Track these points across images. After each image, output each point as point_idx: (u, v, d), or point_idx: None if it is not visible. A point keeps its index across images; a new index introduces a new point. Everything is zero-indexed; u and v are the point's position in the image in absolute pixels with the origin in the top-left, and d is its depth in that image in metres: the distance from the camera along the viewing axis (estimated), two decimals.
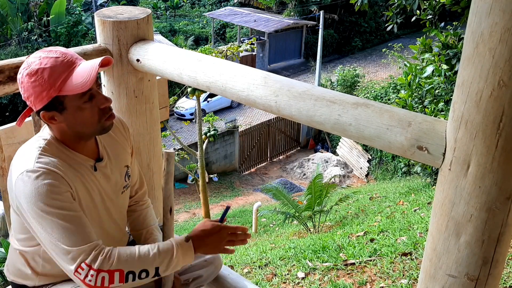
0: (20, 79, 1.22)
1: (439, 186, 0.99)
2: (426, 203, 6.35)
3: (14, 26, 18.63)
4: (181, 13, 30.91)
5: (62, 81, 1.20)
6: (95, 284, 1.19)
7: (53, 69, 1.20)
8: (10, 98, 15.71)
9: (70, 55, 1.24)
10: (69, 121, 1.26)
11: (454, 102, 0.91)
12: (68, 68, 1.22)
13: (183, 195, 14.60)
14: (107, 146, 1.43)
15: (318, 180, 7.95)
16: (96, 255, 1.20)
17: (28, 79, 1.20)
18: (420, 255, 3.72)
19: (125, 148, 1.50)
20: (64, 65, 1.21)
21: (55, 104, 1.22)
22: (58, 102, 1.22)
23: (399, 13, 5.25)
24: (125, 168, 1.49)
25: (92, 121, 1.27)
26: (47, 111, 1.23)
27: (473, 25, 0.83)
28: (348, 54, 25.02)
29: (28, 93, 1.21)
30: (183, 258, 1.30)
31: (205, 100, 18.17)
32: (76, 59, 1.25)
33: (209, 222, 1.37)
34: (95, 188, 1.36)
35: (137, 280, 1.23)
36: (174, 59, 1.48)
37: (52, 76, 1.19)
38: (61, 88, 1.20)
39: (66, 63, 1.22)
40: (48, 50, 1.24)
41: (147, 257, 1.24)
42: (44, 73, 1.19)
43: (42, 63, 1.20)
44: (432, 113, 4.67)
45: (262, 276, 3.93)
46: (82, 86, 1.20)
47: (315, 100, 1.13)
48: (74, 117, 1.25)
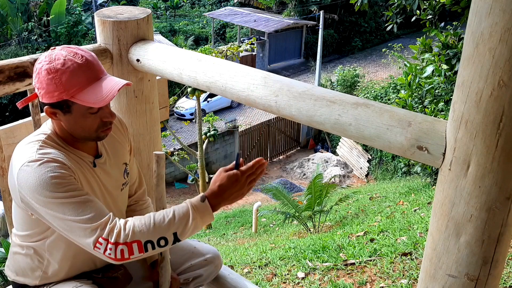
0: (38, 69, 1.21)
1: (439, 186, 0.99)
2: (426, 203, 6.35)
3: (14, 26, 18.62)
4: (181, 13, 30.91)
5: (78, 89, 1.19)
6: (115, 257, 1.19)
7: (73, 75, 1.18)
8: (10, 98, 15.71)
9: (95, 65, 1.23)
10: (69, 123, 1.26)
11: (454, 102, 0.91)
12: (88, 78, 1.20)
13: (183, 195, 14.60)
14: (106, 144, 1.44)
15: (318, 180, 7.95)
16: (111, 228, 1.19)
17: (46, 74, 1.19)
18: (420, 255, 3.72)
19: (123, 146, 1.51)
20: (86, 74, 1.20)
21: (62, 105, 1.22)
22: (66, 104, 1.22)
23: (399, 13, 5.25)
24: (123, 165, 1.50)
25: (90, 129, 1.27)
26: (52, 108, 1.23)
27: (473, 25, 0.83)
28: (348, 54, 25.01)
29: (40, 85, 1.21)
30: (201, 219, 1.25)
31: (205, 100, 18.17)
32: (99, 72, 1.23)
33: (224, 174, 1.27)
34: (95, 183, 1.37)
35: (157, 248, 1.22)
36: (174, 59, 1.48)
37: (70, 81, 1.18)
38: (74, 94, 1.19)
39: (88, 73, 1.20)
40: (75, 51, 1.22)
41: (163, 224, 1.22)
42: (63, 75, 1.18)
43: (65, 65, 1.18)
44: (432, 113, 4.67)
45: (262, 276, 3.93)
46: (95, 103, 1.19)
47: (315, 100, 1.13)
48: (75, 121, 1.25)
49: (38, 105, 1.56)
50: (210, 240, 9.09)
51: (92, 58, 1.23)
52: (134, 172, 1.61)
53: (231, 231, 9.96)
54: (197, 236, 9.86)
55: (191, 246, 1.70)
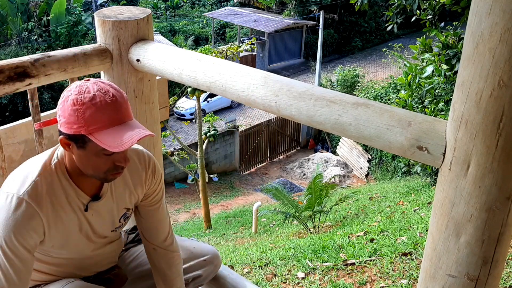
0: (65, 97, 1.17)
1: (439, 186, 0.99)
2: (426, 203, 6.35)
3: (14, 26, 18.62)
4: (181, 13, 30.91)
5: (98, 128, 1.14)
6: None
7: (98, 112, 1.13)
8: (10, 98, 15.71)
9: (122, 107, 1.17)
10: (80, 158, 1.21)
11: (454, 102, 0.91)
12: (111, 119, 1.15)
13: (183, 195, 14.60)
14: (115, 184, 1.37)
15: (318, 180, 7.95)
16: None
17: (71, 104, 1.14)
18: (420, 255, 3.72)
19: (133, 190, 1.41)
20: (111, 115, 1.15)
21: (78, 139, 1.17)
22: (82, 140, 1.17)
23: (399, 13, 5.25)
24: (124, 209, 1.42)
25: (100, 170, 1.22)
26: (67, 139, 1.18)
27: (473, 25, 0.83)
28: (348, 54, 25.01)
29: (62, 113, 1.16)
30: None
31: (205, 100, 18.17)
32: (125, 115, 1.18)
33: None
34: (78, 226, 1.33)
35: None
36: (174, 59, 1.48)
37: (93, 118, 1.13)
38: (93, 132, 1.14)
39: (113, 114, 1.15)
40: (107, 88, 1.16)
41: None
42: (87, 111, 1.13)
43: (94, 100, 1.13)
44: (432, 113, 4.67)
45: (262, 276, 3.93)
46: (111, 146, 1.13)
47: (315, 100, 1.13)
48: (86, 158, 1.20)
49: (38, 105, 1.56)
50: (210, 240, 9.09)
51: (122, 99, 1.18)
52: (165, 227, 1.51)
53: (231, 231, 9.96)
54: (197, 236, 9.86)
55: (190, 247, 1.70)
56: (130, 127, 1.17)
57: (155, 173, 1.44)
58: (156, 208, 1.48)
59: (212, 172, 15.37)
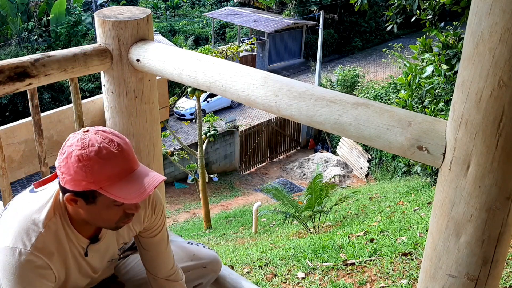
0: (68, 153, 1.09)
1: (439, 186, 0.99)
2: (426, 203, 6.35)
3: (14, 26, 18.63)
4: (181, 13, 30.91)
5: (111, 182, 1.08)
6: None
7: (107, 166, 1.07)
8: (10, 98, 15.71)
9: (130, 155, 1.12)
10: (89, 213, 1.16)
11: (454, 102, 0.91)
12: (122, 171, 1.09)
13: (183, 195, 14.60)
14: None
15: (318, 180, 7.95)
16: None
17: (75, 161, 1.07)
18: (420, 255, 3.72)
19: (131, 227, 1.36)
20: (120, 166, 1.09)
21: (87, 195, 1.11)
22: (92, 195, 1.11)
23: (399, 13, 5.25)
24: (121, 244, 1.40)
25: (111, 221, 1.18)
26: (74, 196, 1.12)
27: (473, 25, 0.83)
28: (348, 54, 25.02)
29: (67, 170, 1.09)
30: None
31: (205, 100, 18.17)
32: (133, 163, 1.13)
33: None
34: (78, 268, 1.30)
35: None
36: (174, 59, 1.48)
37: (103, 172, 1.07)
38: (105, 187, 1.08)
39: (123, 165, 1.10)
40: (110, 137, 1.10)
41: None
42: (96, 165, 1.06)
43: (99, 153, 1.07)
44: (432, 113, 4.67)
45: (262, 276, 3.93)
46: (129, 199, 1.08)
47: (315, 100, 1.13)
48: (97, 212, 1.15)
49: (38, 105, 1.56)
50: (210, 240, 9.08)
51: (127, 146, 1.12)
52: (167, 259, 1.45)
53: (231, 231, 9.96)
54: (197, 236, 9.86)
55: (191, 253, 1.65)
56: (142, 173, 1.13)
57: (155, 210, 1.39)
58: (157, 240, 1.43)
59: (212, 172, 15.37)
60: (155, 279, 1.47)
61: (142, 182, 1.10)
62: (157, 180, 1.11)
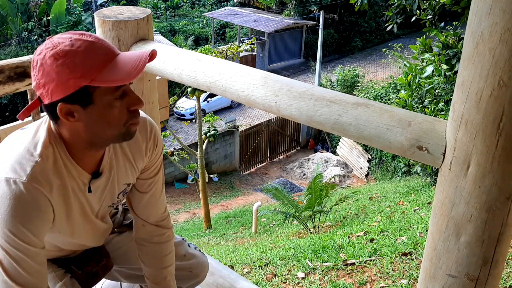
0: (39, 60, 0.98)
1: (439, 186, 0.99)
2: (426, 203, 6.35)
3: (14, 26, 18.63)
4: (181, 13, 30.91)
5: (97, 70, 0.98)
6: None
7: (89, 54, 0.97)
8: (10, 98, 15.72)
9: (107, 42, 1.03)
10: (91, 120, 1.03)
11: (454, 102, 0.91)
12: (106, 55, 1.00)
13: (183, 195, 14.61)
14: (115, 157, 1.23)
15: (318, 180, 7.96)
16: None
17: (52, 61, 0.96)
18: (420, 255, 3.72)
19: (133, 163, 1.27)
20: (102, 51, 1.00)
21: (81, 96, 0.99)
22: (86, 94, 0.99)
23: (399, 13, 5.25)
24: (124, 185, 1.29)
25: (119, 122, 1.06)
26: (68, 103, 1.00)
27: (473, 25, 0.83)
28: (348, 54, 25.02)
29: (47, 78, 0.98)
30: None
31: (205, 100, 18.18)
32: (114, 48, 1.03)
33: None
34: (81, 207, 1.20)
35: None
36: (174, 59, 1.48)
37: (86, 62, 0.97)
38: (94, 77, 0.97)
39: (104, 49, 1.00)
40: (79, 33, 1.01)
41: None
42: (76, 57, 0.96)
43: (75, 45, 0.97)
44: (432, 113, 4.67)
45: (262, 276, 3.93)
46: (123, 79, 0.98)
47: (315, 100, 1.13)
48: (99, 115, 1.03)
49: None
50: (210, 240, 9.09)
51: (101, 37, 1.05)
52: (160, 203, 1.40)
53: (231, 231, 9.96)
54: (197, 236, 9.86)
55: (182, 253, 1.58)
56: (127, 54, 1.03)
57: (157, 145, 1.30)
58: (155, 180, 1.35)
59: (212, 172, 15.38)
60: (144, 226, 1.40)
61: (132, 59, 1.01)
62: (146, 53, 1.01)
